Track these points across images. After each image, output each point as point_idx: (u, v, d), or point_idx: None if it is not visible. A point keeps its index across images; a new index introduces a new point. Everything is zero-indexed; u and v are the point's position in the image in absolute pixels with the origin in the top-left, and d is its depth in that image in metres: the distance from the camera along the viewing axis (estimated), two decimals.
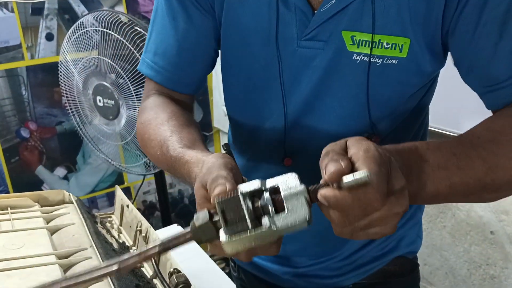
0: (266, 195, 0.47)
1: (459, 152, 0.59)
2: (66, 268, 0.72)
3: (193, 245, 1.16)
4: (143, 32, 1.54)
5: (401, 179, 0.49)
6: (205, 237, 0.48)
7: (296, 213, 0.46)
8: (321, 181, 0.48)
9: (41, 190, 1.94)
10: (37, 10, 1.95)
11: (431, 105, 0.81)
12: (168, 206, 2.07)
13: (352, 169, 0.47)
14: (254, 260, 0.95)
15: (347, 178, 0.45)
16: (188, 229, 0.49)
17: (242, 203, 0.46)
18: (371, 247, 0.87)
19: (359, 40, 0.67)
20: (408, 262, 0.91)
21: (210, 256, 1.11)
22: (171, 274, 0.66)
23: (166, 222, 2.06)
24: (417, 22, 0.65)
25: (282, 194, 0.47)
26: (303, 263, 0.89)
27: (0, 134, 2.01)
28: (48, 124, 2.10)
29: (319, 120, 0.74)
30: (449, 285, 1.77)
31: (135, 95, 1.60)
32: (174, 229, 1.26)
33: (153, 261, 0.75)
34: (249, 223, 0.46)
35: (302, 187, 0.47)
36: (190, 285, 0.65)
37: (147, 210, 2.47)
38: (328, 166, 0.47)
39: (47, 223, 0.86)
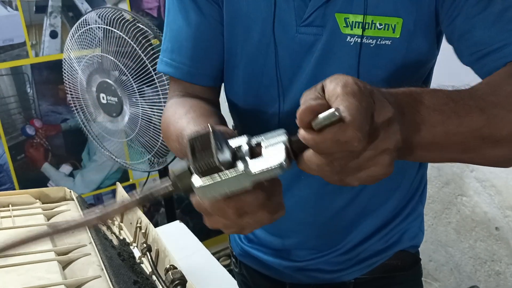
0: (245, 146, 0.46)
1: (457, 99, 0.54)
2: (65, 265, 0.72)
3: (195, 242, 1.16)
4: (146, 29, 1.54)
5: (387, 109, 0.44)
6: (183, 185, 0.46)
7: (271, 157, 0.44)
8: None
9: (47, 187, 1.96)
10: (41, 8, 1.96)
11: None
12: (173, 203, 2.07)
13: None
14: (256, 255, 0.95)
15: (317, 119, 0.41)
16: (168, 181, 0.48)
17: (212, 140, 0.44)
18: (373, 241, 0.87)
19: (352, 21, 0.67)
20: (410, 256, 0.91)
21: (215, 253, 1.11)
22: (167, 270, 0.66)
23: (170, 219, 2.06)
24: (410, 1, 0.65)
25: (263, 144, 0.46)
26: (304, 257, 0.89)
27: (6, 132, 2.02)
28: (53, 121, 2.12)
29: None
30: (454, 281, 1.76)
31: (138, 92, 1.61)
32: (176, 226, 1.26)
33: (149, 257, 0.75)
34: (216, 160, 0.43)
35: (283, 136, 0.46)
36: (186, 281, 0.65)
37: (152, 207, 2.48)
38: (298, 111, 0.42)
39: (48, 220, 0.86)
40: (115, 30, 1.58)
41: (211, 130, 0.44)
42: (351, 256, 0.88)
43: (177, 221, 1.28)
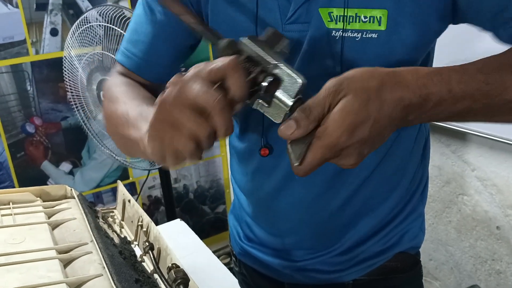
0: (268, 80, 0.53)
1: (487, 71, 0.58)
2: (66, 263, 0.72)
3: (195, 240, 1.16)
4: None
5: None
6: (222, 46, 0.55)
7: (275, 108, 0.54)
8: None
9: (47, 185, 1.95)
10: (42, 5, 1.96)
11: None
12: (172, 201, 2.08)
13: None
14: (255, 254, 0.95)
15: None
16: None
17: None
18: (372, 242, 0.86)
19: (337, 15, 0.66)
20: (410, 258, 0.91)
21: (215, 252, 1.11)
22: (169, 269, 0.66)
23: (170, 217, 2.06)
24: None
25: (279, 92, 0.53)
26: (302, 257, 0.88)
27: (6, 130, 2.02)
28: (53, 119, 2.11)
29: None
30: (454, 280, 1.76)
31: None
32: (177, 224, 1.26)
33: (151, 256, 0.75)
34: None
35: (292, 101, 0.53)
36: (189, 280, 0.65)
37: (152, 205, 2.47)
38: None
39: (49, 218, 0.86)
40: (116, 28, 1.58)
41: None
42: (349, 257, 0.87)
43: (178, 220, 1.28)
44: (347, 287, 0.89)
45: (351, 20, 0.66)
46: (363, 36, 0.66)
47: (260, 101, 0.54)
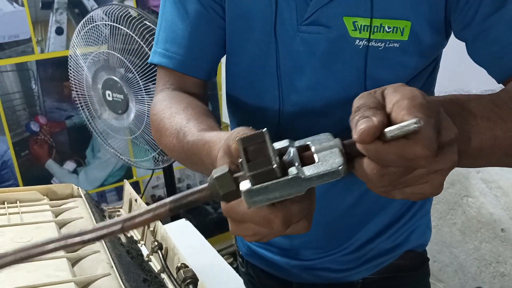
0: (293, 150, 0.42)
1: (500, 103, 0.53)
2: (74, 262, 0.72)
3: (201, 240, 1.16)
4: (153, 26, 1.53)
5: (453, 129, 0.41)
6: (223, 190, 0.42)
7: (328, 162, 0.41)
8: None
9: (51, 184, 1.95)
10: (47, 4, 1.96)
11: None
12: None
13: (392, 123, 0.39)
14: (263, 254, 0.94)
15: (391, 128, 0.38)
16: (205, 185, 0.43)
17: (268, 141, 0.40)
18: (381, 240, 0.86)
19: (361, 25, 0.67)
20: (418, 255, 0.91)
21: (218, 251, 1.11)
22: (178, 269, 0.66)
23: (174, 217, 2.06)
24: (418, 2, 0.65)
25: (313, 148, 0.42)
26: (311, 256, 0.88)
27: (10, 128, 2.02)
28: (57, 118, 2.11)
29: (321, 105, 0.74)
30: (458, 282, 1.75)
31: (144, 89, 1.60)
32: (182, 224, 1.26)
33: (160, 255, 0.75)
34: (274, 162, 0.39)
35: (336, 140, 0.42)
36: (198, 280, 0.65)
37: None
38: (358, 125, 0.39)
39: (56, 216, 0.86)
40: (121, 27, 1.58)
41: (266, 131, 0.41)
42: (358, 256, 0.87)
43: (183, 219, 1.28)
44: (356, 286, 0.89)
45: (375, 30, 0.67)
46: (386, 45, 0.67)
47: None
